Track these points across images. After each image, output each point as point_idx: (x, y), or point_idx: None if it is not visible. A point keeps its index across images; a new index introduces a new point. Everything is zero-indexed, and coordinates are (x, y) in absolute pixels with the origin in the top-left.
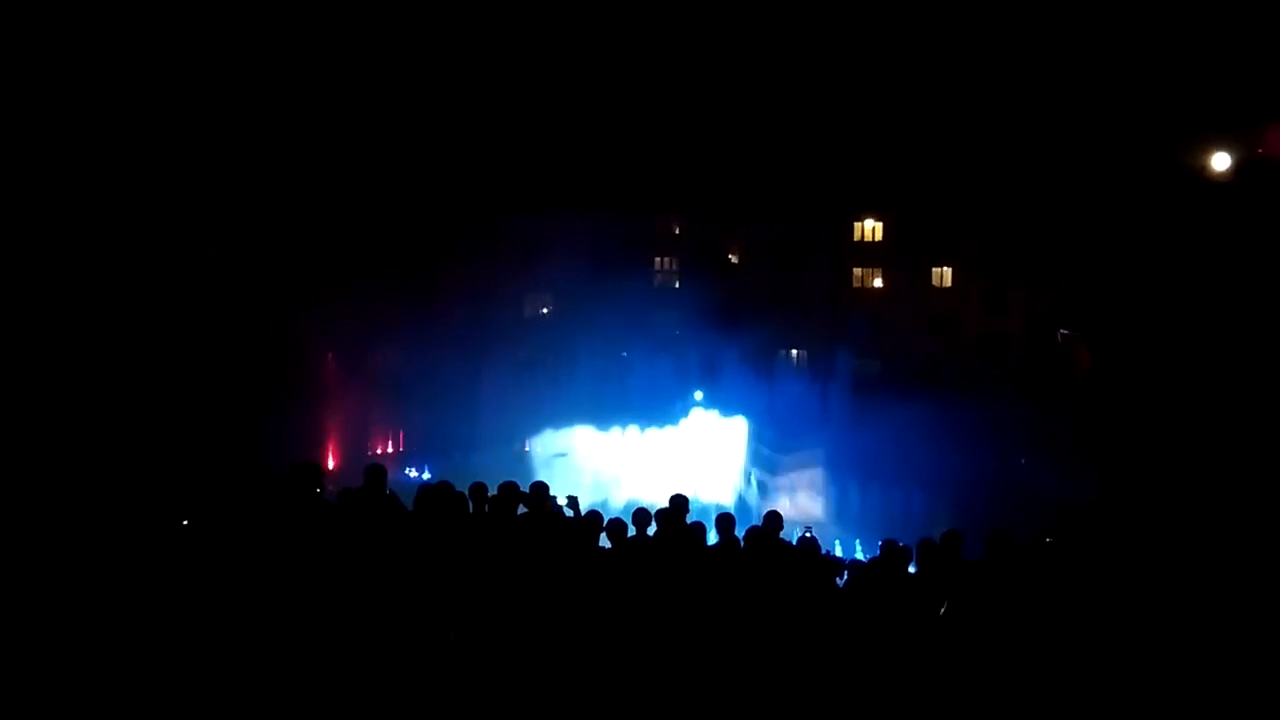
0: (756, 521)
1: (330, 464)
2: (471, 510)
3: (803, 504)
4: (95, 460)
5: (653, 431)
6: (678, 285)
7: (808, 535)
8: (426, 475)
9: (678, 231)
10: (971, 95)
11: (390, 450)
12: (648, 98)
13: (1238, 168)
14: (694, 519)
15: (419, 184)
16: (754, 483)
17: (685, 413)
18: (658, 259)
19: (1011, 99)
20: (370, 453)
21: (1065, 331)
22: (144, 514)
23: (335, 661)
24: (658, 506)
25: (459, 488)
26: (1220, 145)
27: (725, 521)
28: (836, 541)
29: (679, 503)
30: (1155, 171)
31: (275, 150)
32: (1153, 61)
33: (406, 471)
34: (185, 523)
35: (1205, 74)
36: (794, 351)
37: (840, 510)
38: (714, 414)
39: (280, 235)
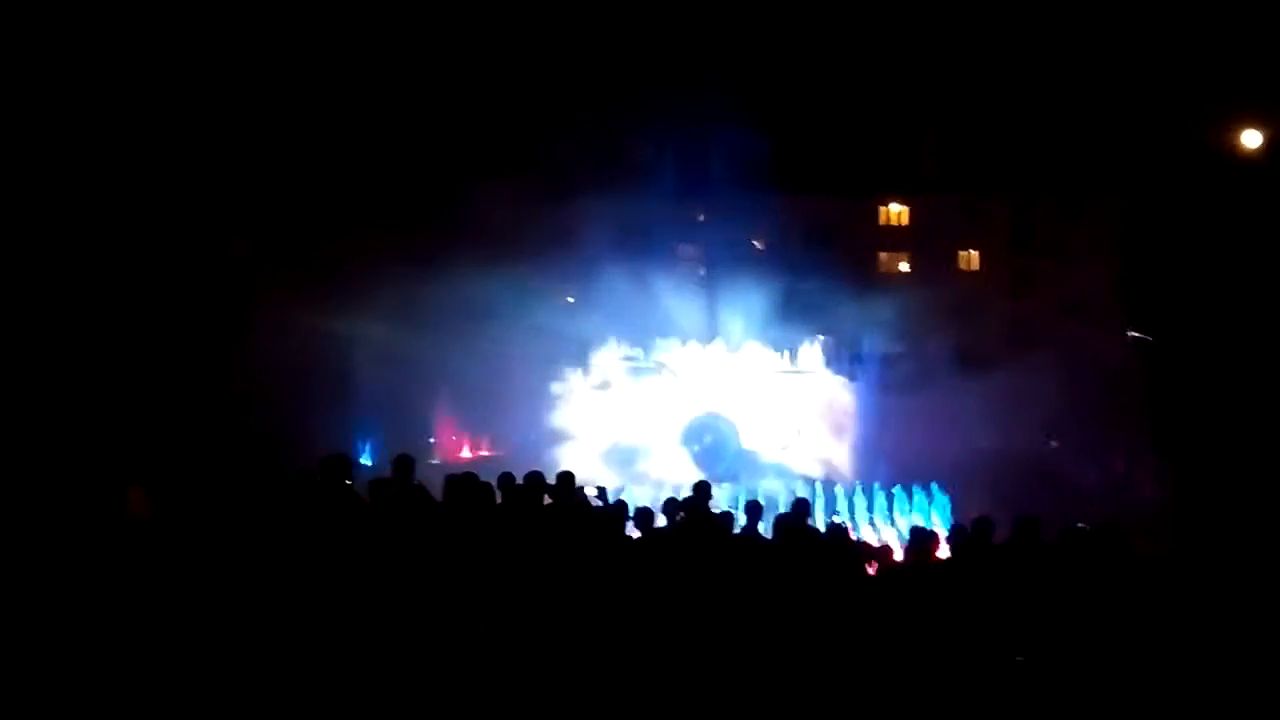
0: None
1: (363, 456)
2: (499, 500)
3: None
4: (124, 453)
5: None
6: (702, 273)
7: (837, 522)
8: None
9: (701, 219)
10: (996, 76)
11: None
12: (670, 83)
13: (1269, 145)
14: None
15: (444, 173)
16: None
17: None
18: (682, 246)
19: (1037, 79)
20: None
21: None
22: (175, 507)
23: (363, 652)
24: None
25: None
26: (1251, 122)
27: (753, 509)
28: (869, 523)
29: (704, 490)
30: (1184, 149)
31: (304, 144)
32: (1180, 37)
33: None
34: (216, 515)
35: (1234, 49)
36: (820, 337)
37: (870, 496)
38: None
39: (304, 227)
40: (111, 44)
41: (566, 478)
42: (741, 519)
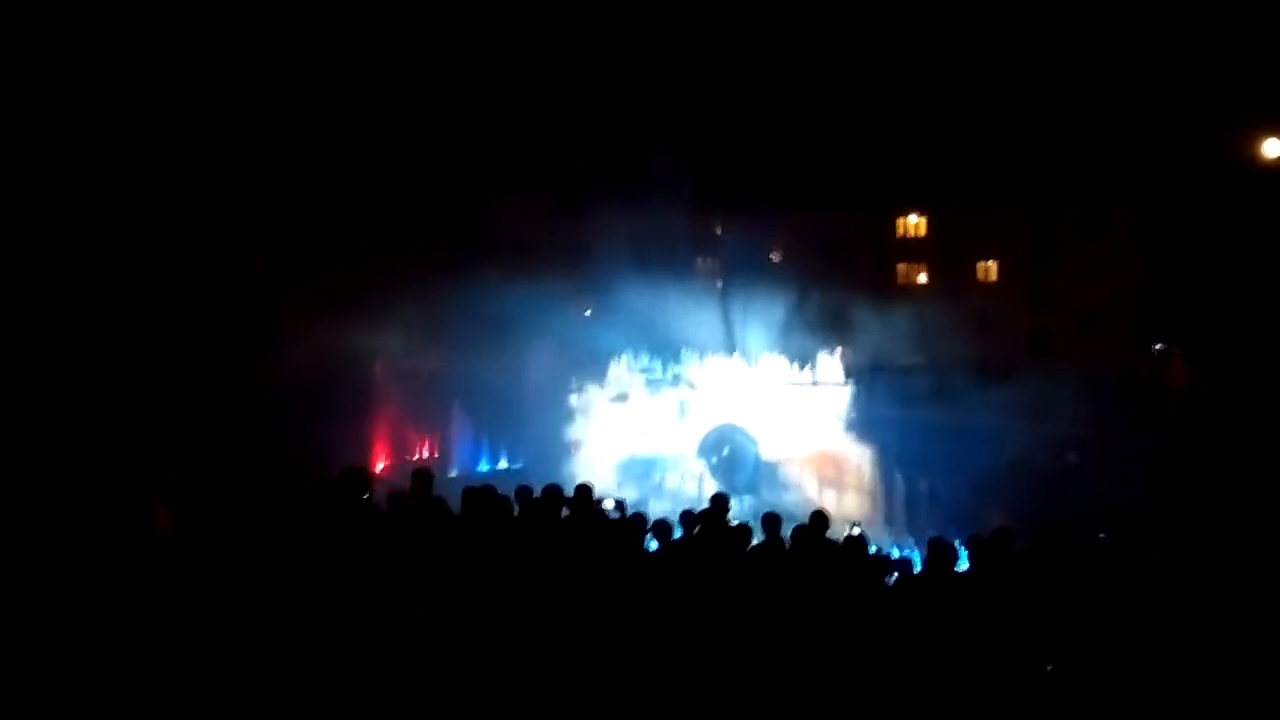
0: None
1: (379, 468)
2: (517, 513)
3: (849, 501)
4: (141, 466)
5: None
6: (719, 285)
7: (855, 533)
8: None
9: (719, 232)
10: (1014, 86)
11: (438, 454)
12: (686, 95)
13: None
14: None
15: (462, 188)
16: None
17: None
18: (699, 259)
19: (1056, 89)
20: (417, 456)
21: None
22: (199, 522)
23: (380, 664)
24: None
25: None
26: (1271, 132)
27: (771, 521)
28: (891, 546)
29: (722, 502)
30: (1203, 159)
31: (325, 159)
32: (1200, 47)
33: (451, 475)
34: (238, 529)
35: (1254, 59)
36: (838, 349)
37: (887, 508)
38: None
39: (325, 242)
40: (137, 62)
41: (584, 490)
42: (759, 531)
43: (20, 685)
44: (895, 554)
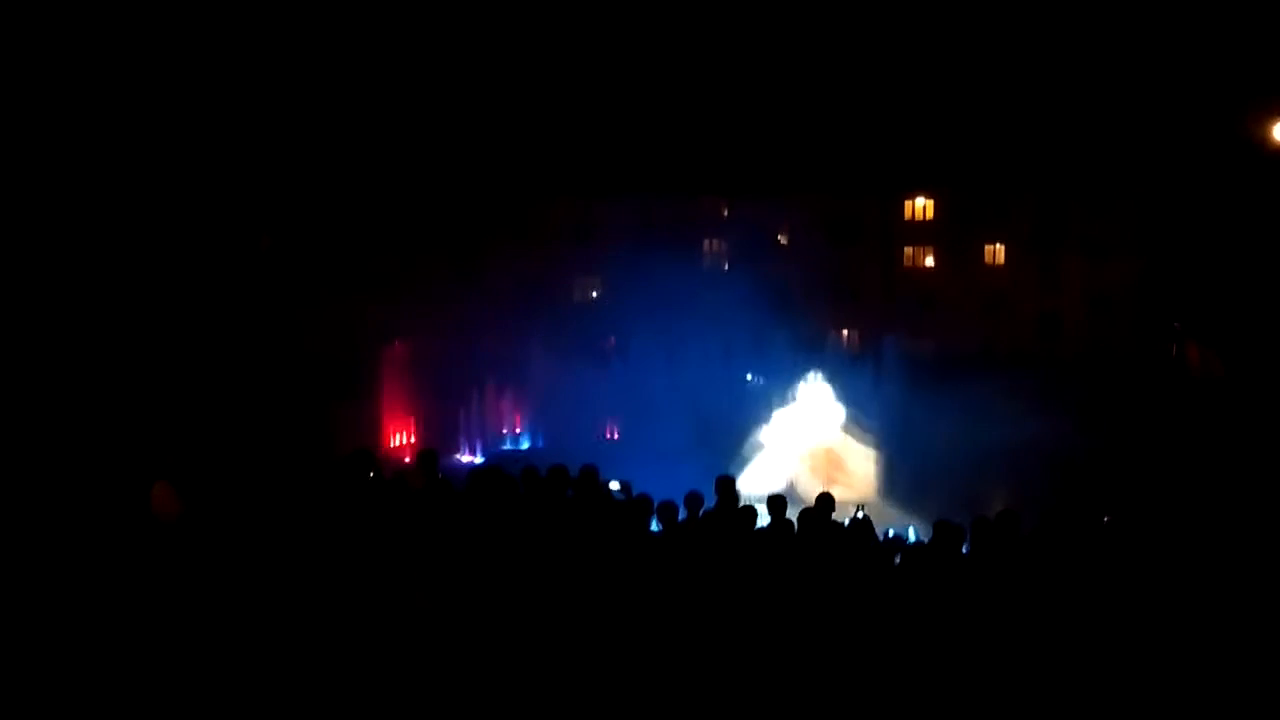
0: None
1: (384, 450)
2: (523, 493)
3: (856, 482)
4: (152, 447)
5: None
6: (726, 268)
7: (860, 516)
8: (479, 459)
9: (726, 213)
10: (1023, 68)
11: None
12: (692, 78)
13: None
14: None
15: (469, 169)
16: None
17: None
18: (706, 241)
19: (1063, 71)
20: (423, 438)
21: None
22: (203, 500)
23: (382, 644)
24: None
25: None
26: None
27: (777, 503)
28: (890, 529)
29: (728, 485)
30: (1212, 142)
31: (326, 139)
32: (1210, 30)
33: (459, 456)
34: (244, 513)
35: (1265, 42)
36: (844, 332)
37: (893, 490)
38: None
39: (332, 223)
40: (161, 53)
41: (590, 471)
42: (765, 513)
43: (16, 670)
44: (910, 537)
